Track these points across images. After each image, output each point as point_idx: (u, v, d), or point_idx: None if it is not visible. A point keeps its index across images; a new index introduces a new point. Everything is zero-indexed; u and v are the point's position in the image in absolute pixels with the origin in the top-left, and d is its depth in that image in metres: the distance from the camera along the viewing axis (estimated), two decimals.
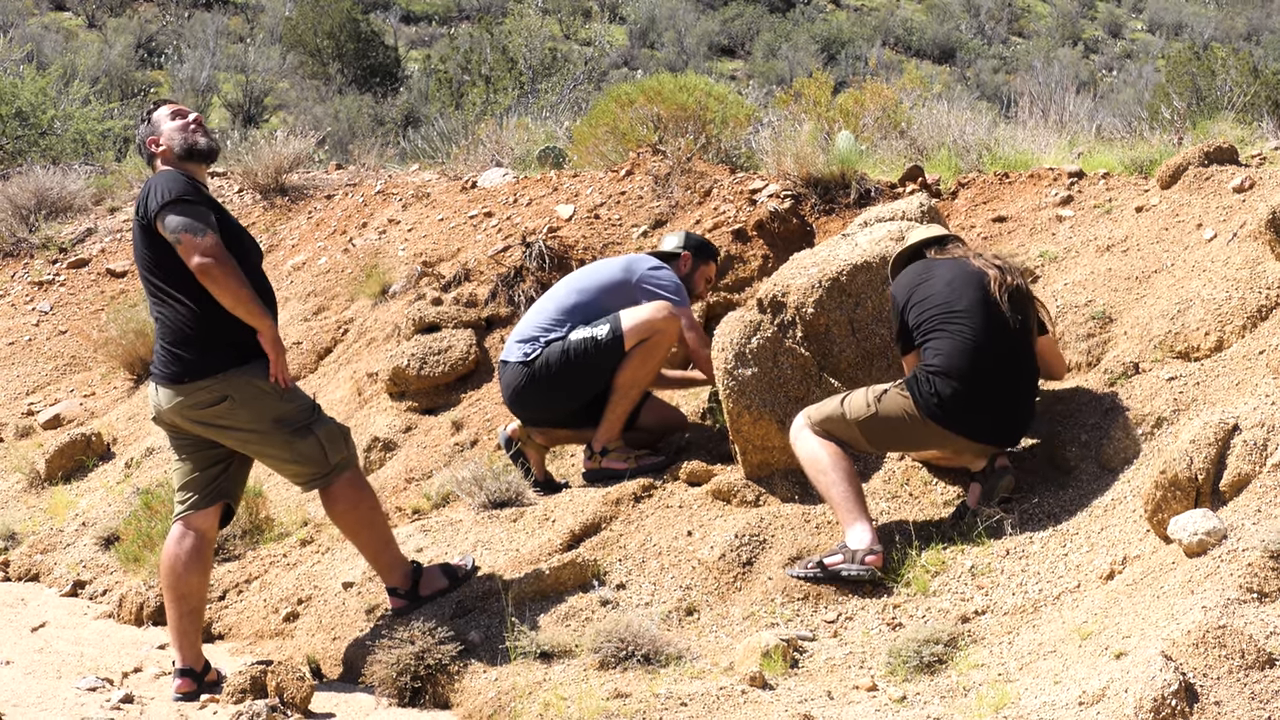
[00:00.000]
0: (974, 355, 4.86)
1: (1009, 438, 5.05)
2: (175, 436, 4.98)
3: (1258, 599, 3.52)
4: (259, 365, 4.83)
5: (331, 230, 9.96)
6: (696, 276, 6.33)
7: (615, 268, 6.06)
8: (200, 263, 4.64)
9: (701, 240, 6.43)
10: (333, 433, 4.98)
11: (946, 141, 7.99)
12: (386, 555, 5.10)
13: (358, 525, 5.03)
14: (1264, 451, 4.11)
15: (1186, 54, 17.81)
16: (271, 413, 4.84)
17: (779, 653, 4.33)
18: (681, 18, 36.14)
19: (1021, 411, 5.04)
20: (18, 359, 10.01)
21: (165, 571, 4.94)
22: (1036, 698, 3.66)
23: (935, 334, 4.95)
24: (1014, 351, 4.96)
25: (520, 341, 5.89)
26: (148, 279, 4.85)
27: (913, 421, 4.89)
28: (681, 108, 8.90)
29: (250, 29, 33.17)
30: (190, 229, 4.67)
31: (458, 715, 4.51)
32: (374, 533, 5.07)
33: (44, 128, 14.67)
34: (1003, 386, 4.92)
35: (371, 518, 5.05)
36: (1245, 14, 38.89)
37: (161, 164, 4.92)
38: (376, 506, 5.10)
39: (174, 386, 4.80)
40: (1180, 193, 6.14)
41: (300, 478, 4.99)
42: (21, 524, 7.41)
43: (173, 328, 4.79)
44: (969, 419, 4.88)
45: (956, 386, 4.84)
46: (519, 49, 20.87)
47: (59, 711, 4.57)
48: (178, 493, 5.00)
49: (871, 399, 4.94)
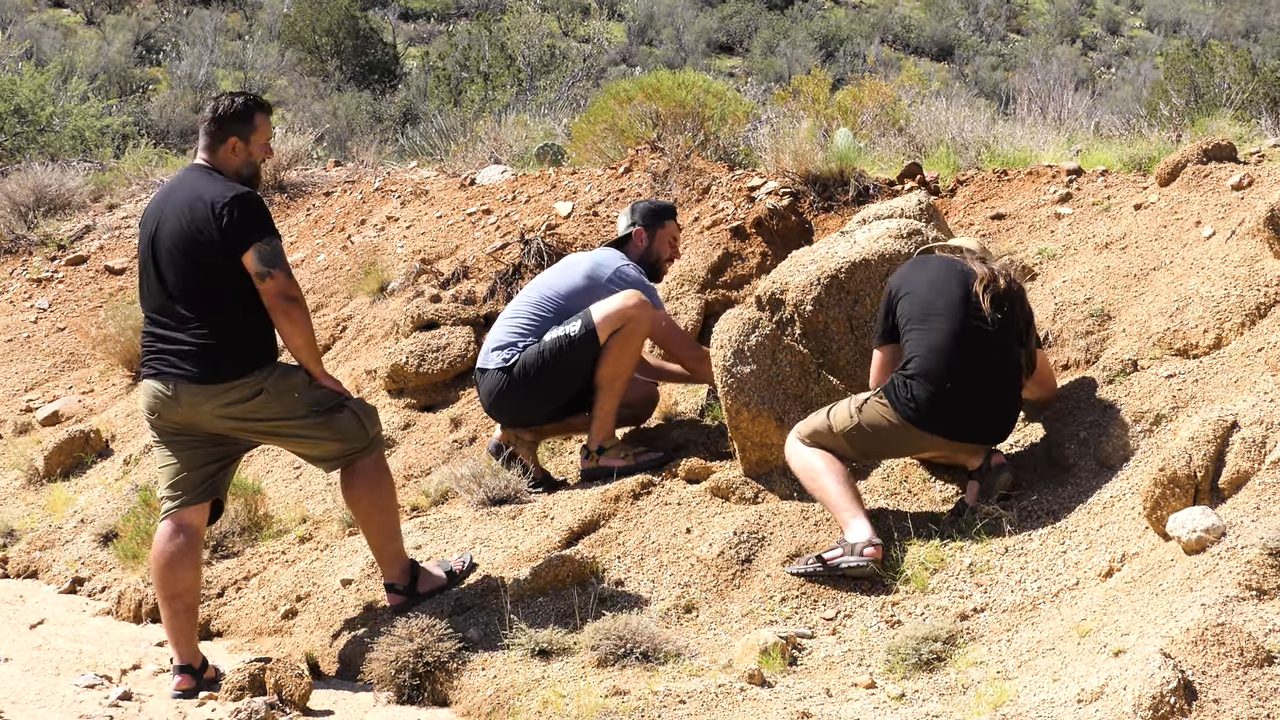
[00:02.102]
0: (949, 356, 4.86)
1: (993, 435, 5.04)
2: (172, 435, 4.90)
3: (1257, 596, 3.52)
4: (285, 362, 4.91)
5: (330, 227, 9.95)
6: (658, 244, 6.19)
7: (578, 273, 5.97)
8: (286, 305, 4.70)
9: (649, 206, 6.29)
10: (366, 407, 5.02)
11: (945, 139, 7.99)
12: (391, 547, 5.09)
13: (373, 509, 5.01)
14: (1263, 449, 4.11)
15: (1185, 51, 17.81)
16: (306, 399, 4.86)
17: (777, 650, 4.33)
18: (680, 15, 36.11)
19: (1005, 409, 5.02)
20: (16, 356, 10.00)
21: (157, 570, 4.91)
22: (1035, 695, 3.66)
23: (911, 335, 4.98)
24: (991, 350, 4.92)
25: (497, 349, 5.86)
26: (194, 287, 4.75)
27: (895, 428, 4.91)
28: (680, 105, 8.90)
29: (249, 26, 33.15)
30: (284, 267, 4.72)
31: (456, 712, 4.51)
32: (386, 520, 5.05)
33: (42, 125, 14.67)
34: (981, 386, 4.90)
35: (387, 504, 5.04)
36: (1243, 11, 38.87)
37: (226, 171, 4.84)
38: (394, 494, 5.11)
39: (207, 386, 4.75)
40: (1179, 190, 6.14)
41: (338, 454, 4.96)
42: (20, 521, 7.41)
43: (209, 333, 4.73)
44: (948, 420, 4.88)
45: (932, 389, 4.84)
46: (517, 46, 20.85)
47: (57, 709, 4.57)
48: (165, 490, 4.95)
49: (854, 409, 4.98)
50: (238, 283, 4.71)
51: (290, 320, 4.74)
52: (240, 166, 4.87)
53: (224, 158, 4.86)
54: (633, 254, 6.13)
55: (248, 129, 4.86)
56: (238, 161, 4.87)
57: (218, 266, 4.71)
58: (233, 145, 4.85)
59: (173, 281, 4.78)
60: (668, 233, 6.24)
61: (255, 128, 4.87)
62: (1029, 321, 5.12)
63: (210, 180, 4.79)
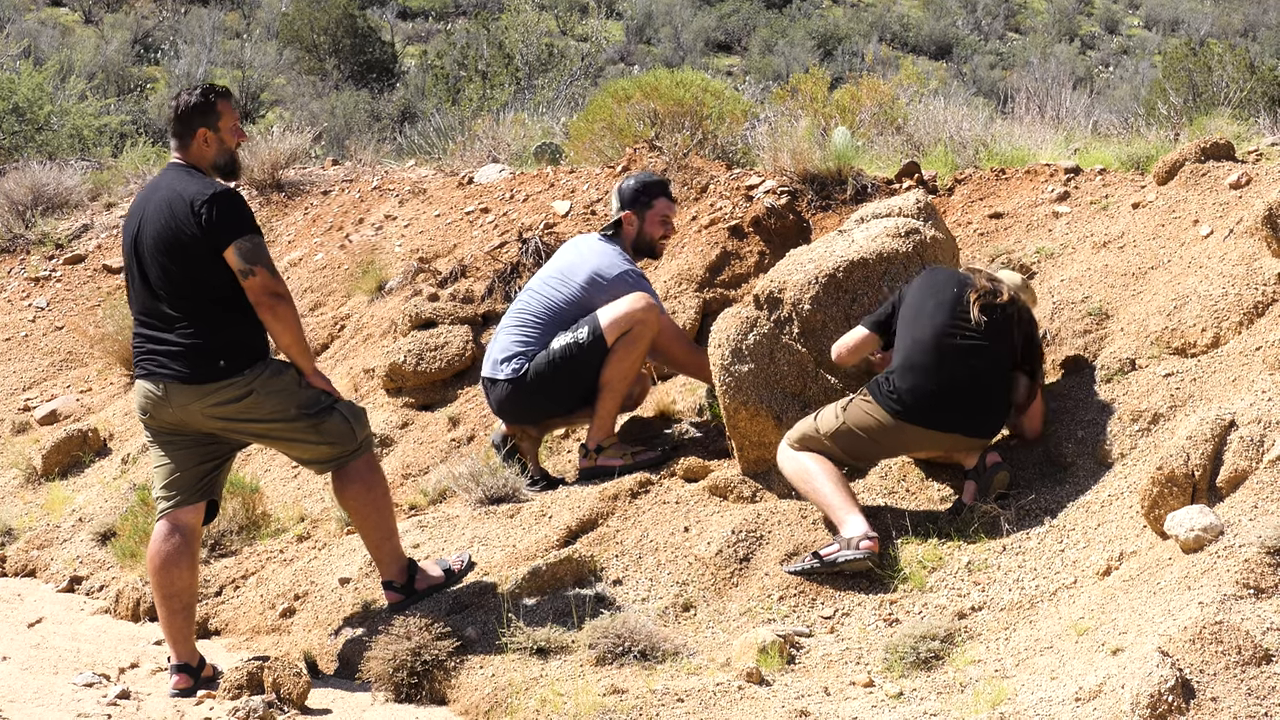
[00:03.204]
0: (931, 350, 4.92)
1: (979, 429, 5.02)
2: (166, 435, 4.88)
3: (1254, 595, 3.53)
4: (277, 360, 4.89)
5: (328, 226, 9.95)
6: (649, 225, 6.09)
7: (578, 280, 5.88)
8: (272, 302, 4.68)
9: (635, 185, 6.09)
10: (355, 409, 5.01)
11: (943, 138, 7.98)
12: (388, 546, 5.09)
13: (368, 509, 5.00)
14: (1260, 447, 4.12)
15: (1183, 50, 17.80)
16: (295, 400, 4.84)
17: (776, 649, 4.34)
18: (678, 13, 36.11)
19: (991, 406, 5.01)
20: (14, 355, 9.99)
21: (154, 570, 4.90)
22: (1033, 694, 3.66)
23: (899, 332, 5.06)
24: (976, 352, 4.93)
25: (505, 360, 5.85)
26: (178, 287, 4.73)
27: (881, 425, 4.93)
28: (678, 104, 8.88)
29: (247, 24, 33.12)
30: (267, 264, 4.70)
31: (454, 711, 4.51)
32: (381, 519, 5.04)
33: (40, 123, 14.65)
34: (963, 381, 4.90)
35: (382, 503, 5.04)
36: (1242, 10, 38.86)
37: (203, 166, 4.85)
38: (388, 493, 5.10)
39: (196, 386, 4.73)
40: (1177, 189, 6.14)
41: (328, 458, 4.96)
42: (18, 519, 7.41)
43: (195, 332, 4.71)
44: (930, 412, 4.90)
45: (914, 381, 4.88)
46: (515, 45, 20.82)
47: (55, 707, 4.56)
48: (160, 490, 4.93)
49: (839, 410, 5.02)
50: (222, 281, 4.69)
51: (277, 317, 4.71)
52: (216, 157, 4.86)
53: (198, 152, 4.85)
54: (626, 241, 6.06)
55: (212, 118, 4.85)
56: (212, 152, 4.86)
57: (200, 265, 4.69)
58: (204, 136, 4.84)
59: (157, 281, 4.76)
60: (657, 212, 6.10)
61: (220, 114, 4.86)
62: (1031, 348, 5.09)
63: (189, 178, 4.77)
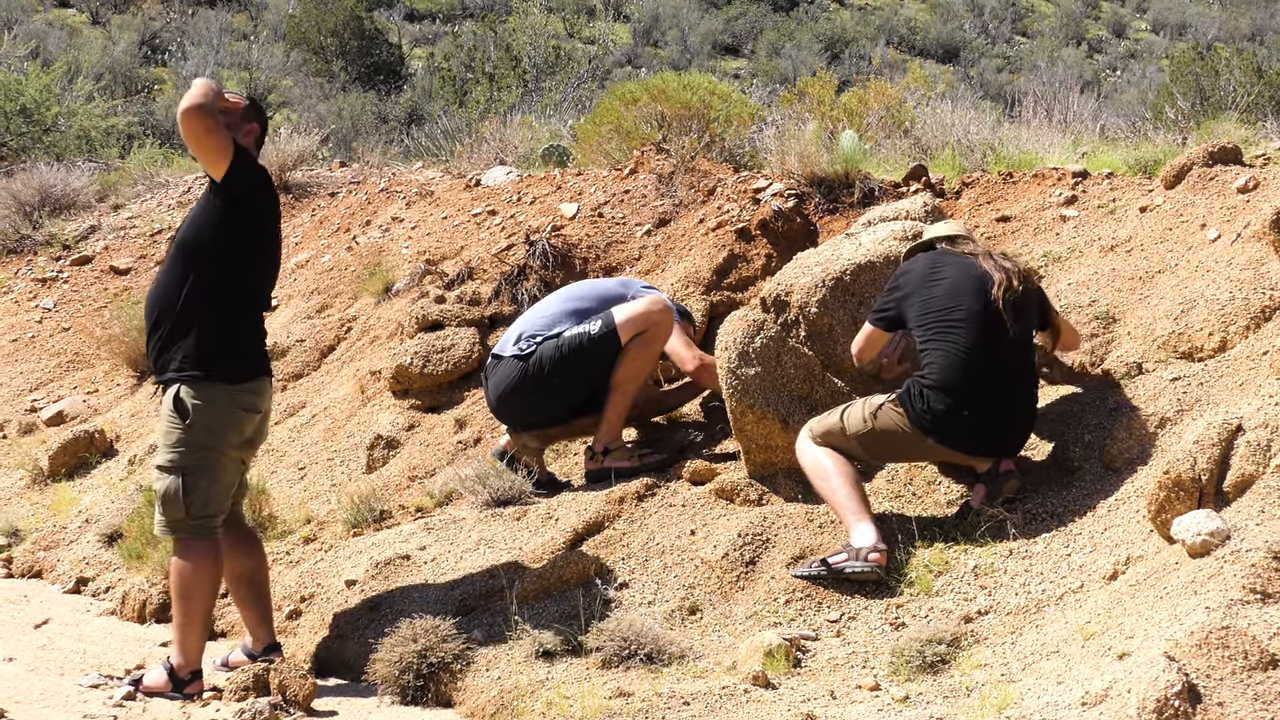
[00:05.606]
0: (967, 369, 4.84)
1: (1009, 447, 5.03)
2: (250, 443, 5.00)
3: (1261, 600, 3.52)
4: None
5: (335, 228, 9.96)
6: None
7: (612, 283, 6.23)
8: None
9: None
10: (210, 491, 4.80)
11: (950, 141, 7.98)
12: (179, 636, 4.82)
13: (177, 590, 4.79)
14: (1268, 452, 4.11)
15: (1190, 54, 17.76)
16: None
17: (782, 652, 4.33)
18: (685, 16, 36.13)
19: (1022, 420, 5.02)
20: (21, 356, 10.01)
21: (233, 578, 5.03)
22: (1039, 698, 3.66)
23: (931, 344, 4.94)
24: (1012, 361, 4.93)
25: (517, 340, 5.89)
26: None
27: (909, 436, 4.90)
28: (685, 106, 8.88)
29: (254, 26, 33.18)
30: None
31: (460, 713, 4.51)
32: (186, 607, 4.80)
33: (48, 125, 14.66)
34: (999, 398, 4.89)
35: (193, 593, 4.79)
36: (1249, 14, 38.81)
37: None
38: (205, 589, 4.81)
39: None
40: (1184, 193, 6.13)
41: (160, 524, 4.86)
42: (25, 521, 7.42)
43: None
44: (965, 433, 4.87)
45: (950, 402, 4.82)
46: (523, 47, 20.83)
47: (62, 709, 4.57)
48: (216, 506, 4.84)
49: (868, 414, 4.96)
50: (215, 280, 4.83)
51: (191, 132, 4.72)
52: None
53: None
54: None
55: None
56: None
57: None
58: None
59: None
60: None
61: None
62: (1043, 303, 5.14)
63: None
